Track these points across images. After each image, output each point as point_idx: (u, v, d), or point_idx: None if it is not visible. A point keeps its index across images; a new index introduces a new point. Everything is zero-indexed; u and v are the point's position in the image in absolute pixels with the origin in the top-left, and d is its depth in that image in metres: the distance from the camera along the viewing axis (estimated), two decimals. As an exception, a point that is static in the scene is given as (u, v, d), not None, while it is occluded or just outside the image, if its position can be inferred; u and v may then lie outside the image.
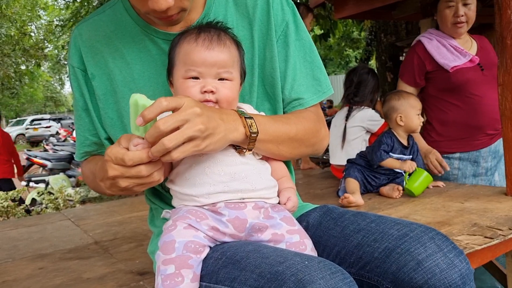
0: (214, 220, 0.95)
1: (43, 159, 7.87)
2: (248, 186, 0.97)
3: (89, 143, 1.20)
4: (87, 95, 1.15)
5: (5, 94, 21.65)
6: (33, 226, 2.44)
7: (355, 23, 10.01)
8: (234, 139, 0.95)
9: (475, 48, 2.51)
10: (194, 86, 0.96)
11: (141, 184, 0.89)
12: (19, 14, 16.79)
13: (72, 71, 1.15)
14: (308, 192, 2.63)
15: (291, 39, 1.14)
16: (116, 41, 1.11)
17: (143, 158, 0.85)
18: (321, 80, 1.17)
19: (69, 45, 1.17)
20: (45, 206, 5.27)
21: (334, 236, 1.03)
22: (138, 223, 2.30)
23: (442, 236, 0.91)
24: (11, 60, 17.09)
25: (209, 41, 0.97)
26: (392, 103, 2.32)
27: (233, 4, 1.13)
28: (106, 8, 1.16)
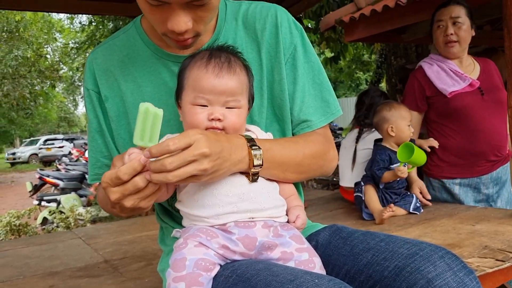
0: (224, 239, 0.96)
1: (55, 178, 7.95)
2: (257, 206, 0.98)
3: (100, 165, 1.21)
4: (101, 117, 1.18)
5: (20, 115, 21.98)
6: (44, 244, 2.47)
7: (365, 46, 10.09)
8: (237, 170, 0.97)
9: (477, 71, 2.49)
10: (202, 113, 0.98)
11: (143, 197, 0.89)
12: (35, 36, 17.19)
13: (87, 93, 1.18)
14: (318, 214, 2.62)
15: (299, 62, 1.15)
16: (129, 65, 1.15)
17: (136, 166, 0.86)
18: (330, 102, 1.18)
19: (85, 69, 1.21)
20: (56, 225, 5.31)
21: (344, 255, 1.03)
22: (148, 242, 2.31)
23: (452, 255, 0.91)
24: (26, 81, 17.43)
25: (219, 69, 0.98)
26: (383, 113, 2.33)
27: (243, 27, 1.16)
28: (120, 33, 1.19)
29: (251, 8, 1.17)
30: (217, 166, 0.90)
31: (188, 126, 1.00)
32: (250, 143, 0.98)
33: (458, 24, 2.35)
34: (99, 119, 1.18)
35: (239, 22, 1.16)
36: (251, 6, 1.18)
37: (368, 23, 4.21)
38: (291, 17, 1.18)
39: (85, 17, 11.92)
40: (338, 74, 15.75)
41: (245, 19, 1.16)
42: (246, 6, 1.18)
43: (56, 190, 7.89)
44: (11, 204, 10.57)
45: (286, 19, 1.16)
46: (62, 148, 22.13)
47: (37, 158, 23.60)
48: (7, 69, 15.98)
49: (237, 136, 0.98)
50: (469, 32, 2.40)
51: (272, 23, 1.15)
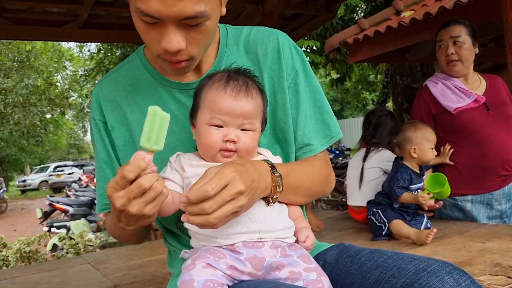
0: (232, 259, 0.96)
1: (65, 204, 7.97)
2: (266, 227, 0.99)
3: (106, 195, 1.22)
4: (108, 146, 1.19)
5: (30, 142, 22.28)
6: (54, 270, 2.47)
7: (370, 66, 10.16)
8: (263, 196, 1.00)
9: (483, 87, 2.49)
10: (217, 134, 0.99)
11: (148, 201, 0.88)
12: (46, 65, 17.56)
13: (94, 124, 1.19)
14: (327, 234, 2.61)
15: (301, 86, 1.18)
16: (134, 94, 1.16)
17: (140, 164, 0.86)
18: (331, 125, 1.21)
19: (91, 100, 1.22)
20: (66, 252, 5.31)
21: (352, 273, 1.03)
22: (157, 266, 2.31)
23: (459, 270, 0.91)
24: (37, 109, 17.73)
25: (237, 92, 1.00)
26: (407, 134, 2.31)
27: (244, 52, 1.17)
28: (125, 63, 1.21)
29: (252, 34, 1.19)
30: (251, 198, 0.92)
31: (202, 145, 1.02)
32: (273, 169, 1.00)
33: (459, 43, 2.38)
34: (107, 148, 1.19)
35: (241, 47, 1.18)
36: (252, 31, 1.19)
37: (372, 44, 4.27)
38: (292, 42, 1.21)
39: (94, 45, 12.17)
40: (344, 95, 15.83)
41: (246, 44, 1.18)
42: (247, 32, 1.19)
43: (66, 216, 7.91)
44: (22, 231, 10.60)
45: (287, 44, 1.19)
46: (71, 174, 22.26)
47: (47, 185, 23.72)
48: (18, 98, 16.28)
49: (261, 163, 0.99)
50: (471, 50, 2.41)
51: (274, 48, 1.17)
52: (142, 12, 0.91)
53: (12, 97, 16.26)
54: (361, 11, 9.29)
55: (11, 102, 16.50)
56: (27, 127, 17.90)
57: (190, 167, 1.01)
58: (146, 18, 0.92)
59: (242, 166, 0.93)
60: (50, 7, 3.76)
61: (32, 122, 17.70)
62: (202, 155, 1.03)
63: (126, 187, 0.87)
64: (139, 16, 0.93)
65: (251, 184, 0.92)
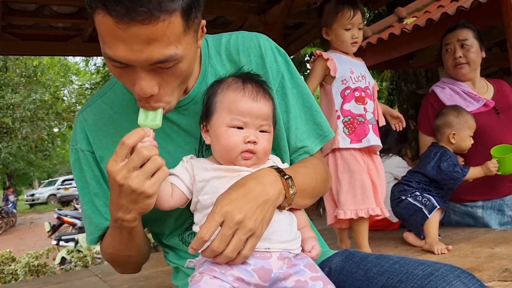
0: (239, 270, 0.94)
1: (73, 218, 8.01)
2: (278, 237, 0.98)
3: (103, 227, 1.14)
4: (100, 177, 1.13)
5: (38, 156, 22.41)
6: (62, 283, 2.47)
7: (375, 73, 10.15)
8: (280, 203, 0.98)
9: (491, 92, 2.49)
10: (238, 136, 0.98)
11: (148, 173, 0.88)
12: (53, 80, 17.75)
13: (82, 155, 1.14)
14: (334, 242, 2.59)
15: (288, 89, 1.16)
16: (121, 120, 1.11)
17: (140, 132, 0.86)
18: (322, 124, 1.19)
19: (75, 130, 1.16)
20: (74, 265, 5.32)
21: (358, 279, 1.02)
22: (164, 277, 2.30)
23: (468, 274, 0.90)
24: (44, 123, 17.88)
25: (256, 93, 1.00)
26: (449, 118, 2.25)
27: (227, 61, 1.14)
28: (107, 89, 1.16)
29: (232, 40, 1.15)
30: (260, 215, 0.91)
31: (223, 148, 1.00)
32: (281, 173, 0.99)
33: (466, 47, 2.37)
34: (98, 179, 1.13)
35: (223, 56, 1.14)
36: (232, 38, 1.16)
37: (375, 51, 4.27)
38: (274, 44, 1.18)
39: (99, 59, 12.29)
40: (350, 103, 15.82)
41: (228, 52, 1.14)
42: (226, 39, 1.15)
43: (74, 229, 7.95)
44: (30, 245, 10.64)
45: (270, 47, 1.15)
46: (79, 187, 22.29)
47: (55, 198, 23.83)
48: (25, 113, 16.45)
49: (266, 172, 0.98)
50: (479, 53, 2.40)
51: (257, 53, 1.13)
52: (110, 58, 0.87)
53: (20, 112, 16.44)
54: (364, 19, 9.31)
55: (19, 117, 16.67)
56: (35, 141, 18.06)
57: (205, 170, 1.00)
58: (115, 63, 0.89)
59: (239, 189, 0.92)
60: (56, 22, 3.82)
61: (40, 136, 17.86)
62: (220, 158, 1.02)
63: (125, 158, 0.87)
64: (109, 61, 0.90)
65: (255, 202, 0.91)
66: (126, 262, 1.18)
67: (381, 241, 2.45)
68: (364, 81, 2.08)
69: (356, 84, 2.04)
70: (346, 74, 2.04)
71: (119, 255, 1.13)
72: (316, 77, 2.08)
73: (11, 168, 22.78)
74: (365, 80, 2.09)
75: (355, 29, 2.07)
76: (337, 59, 2.06)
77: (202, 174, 1.00)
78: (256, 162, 1.01)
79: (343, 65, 2.05)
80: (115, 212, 0.94)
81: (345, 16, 2.04)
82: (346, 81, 2.03)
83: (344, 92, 2.03)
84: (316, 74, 2.08)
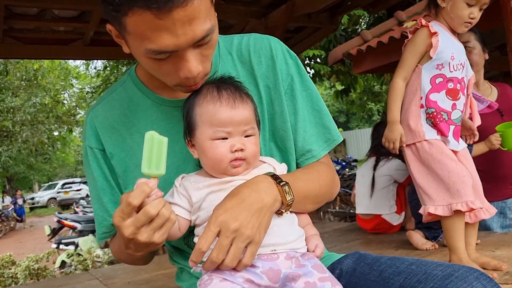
0: (248, 273, 0.94)
1: (73, 221, 8.00)
2: (280, 239, 0.98)
3: (107, 224, 1.18)
4: (108, 174, 1.15)
5: (39, 160, 22.41)
6: (62, 286, 2.47)
7: (375, 77, 10.17)
8: (276, 209, 0.98)
9: (495, 94, 2.51)
10: (224, 146, 0.97)
11: (156, 228, 0.88)
12: (53, 83, 17.75)
13: (90, 152, 1.15)
14: (334, 245, 2.60)
15: (297, 91, 1.16)
16: (131, 117, 1.13)
17: (144, 189, 0.86)
18: (331, 128, 1.19)
19: (85, 127, 1.17)
20: (74, 268, 5.31)
21: (372, 280, 1.02)
22: (165, 280, 2.30)
23: (486, 276, 0.90)
24: (44, 127, 17.88)
25: (233, 100, 0.99)
26: None
27: (238, 61, 1.15)
28: (117, 86, 1.18)
29: (244, 42, 1.16)
30: (256, 222, 0.92)
31: (210, 161, 0.99)
32: (276, 180, 0.99)
33: (469, 49, 2.37)
34: (106, 176, 1.15)
35: (234, 56, 1.16)
36: (244, 39, 1.17)
37: (375, 54, 4.28)
38: (285, 47, 1.19)
39: (100, 62, 12.31)
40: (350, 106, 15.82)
41: (239, 53, 1.15)
42: (238, 40, 1.17)
43: (74, 232, 7.93)
44: (30, 249, 10.62)
45: (281, 50, 1.16)
46: (79, 191, 22.30)
47: (55, 202, 23.79)
48: (26, 116, 16.45)
49: (260, 180, 0.98)
50: (481, 56, 2.41)
51: (268, 55, 1.14)
52: (155, 52, 0.89)
53: (20, 116, 16.44)
54: (364, 23, 9.33)
55: (19, 121, 16.68)
56: (35, 144, 18.05)
57: (197, 190, 1.00)
58: (160, 55, 0.91)
59: (234, 198, 0.92)
60: (57, 26, 3.83)
61: (40, 140, 17.86)
62: (210, 171, 1.02)
63: (132, 215, 0.87)
64: (151, 57, 0.91)
65: (250, 209, 0.91)
66: (133, 263, 1.27)
67: (382, 244, 2.45)
68: (461, 70, 1.82)
69: (452, 73, 1.78)
70: (445, 58, 1.76)
71: (128, 262, 1.21)
72: (415, 53, 1.79)
73: (11, 171, 22.76)
74: (464, 69, 1.83)
75: (477, 7, 1.77)
76: (442, 37, 1.77)
77: (196, 194, 1.00)
78: (247, 168, 1.01)
79: (446, 46, 1.77)
80: (124, 248, 0.95)
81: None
82: (442, 66, 1.77)
83: (435, 80, 1.78)
84: (416, 49, 1.78)
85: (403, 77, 1.81)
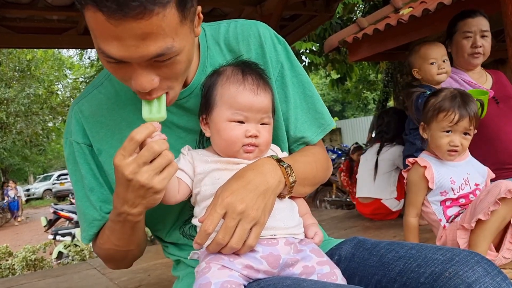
0: (247, 258, 0.94)
1: (69, 212, 7.98)
2: (281, 224, 0.98)
3: (98, 224, 1.11)
4: (96, 170, 1.10)
5: (33, 151, 22.28)
6: (60, 276, 2.47)
7: (370, 65, 10.17)
8: (280, 191, 0.98)
9: (490, 82, 2.50)
10: (239, 130, 0.98)
11: (158, 169, 0.85)
12: (46, 74, 17.60)
13: (77, 147, 1.09)
14: (332, 233, 2.60)
15: (288, 78, 1.14)
16: (119, 111, 1.08)
17: (149, 126, 0.84)
18: (323, 113, 1.18)
19: (70, 122, 1.11)
20: (72, 259, 5.31)
21: (372, 265, 1.02)
22: (163, 269, 2.31)
23: (487, 260, 0.91)
24: (39, 118, 17.77)
25: (256, 86, 0.99)
26: (408, 59, 2.37)
27: (227, 51, 1.12)
28: (103, 80, 1.12)
29: (231, 29, 1.12)
30: (262, 204, 0.92)
31: (224, 142, 0.99)
32: (280, 162, 0.99)
33: (486, 38, 2.39)
34: (95, 173, 1.10)
35: (222, 45, 1.12)
36: (230, 26, 1.13)
37: (371, 42, 4.27)
38: (273, 32, 1.16)
39: (93, 52, 12.21)
40: (345, 95, 15.80)
41: (227, 42, 1.12)
42: (225, 28, 1.13)
43: (70, 223, 7.92)
44: (27, 240, 10.61)
45: (269, 36, 1.13)
46: (75, 182, 22.21)
47: (51, 193, 23.74)
48: (19, 107, 16.33)
49: (265, 162, 0.98)
50: (491, 44, 2.44)
51: (257, 43, 1.12)
52: (104, 54, 0.84)
53: (14, 107, 16.32)
54: (359, 11, 9.30)
55: (13, 112, 16.55)
56: (30, 136, 17.95)
57: (205, 163, 1.00)
58: (110, 59, 0.85)
59: (239, 180, 0.92)
60: (50, 14, 3.77)
61: (34, 131, 17.75)
62: (220, 151, 1.01)
63: (133, 154, 0.85)
64: (103, 58, 0.86)
65: (256, 191, 0.92)
66: (123, 257, 1.15)
67: (380, 231, 2.46)
68: (469, 185, 1.74)
69: (459, 193, 1.73)
70: (446, 185, 1.72)
71: (118, 250, 1.10)
72: (418, 190, 1.75)
73: (5, 163, 22.65)
74: (471, 182, 1.75)
75: (457, 134, 1.70)
76: (434, 167, 1.73)
77: (202, 166, 1.00)
78: (258, 155, 1.01)
79: (442, 174, 1.72)
80: (120, 206, 0.93)
81: (447, 120, 1.68)
82: (446, 192, 1.73)
83: (445, 202, 1.75)
84: (417, 187, 1.75)
85: (415, 214, 1.78)
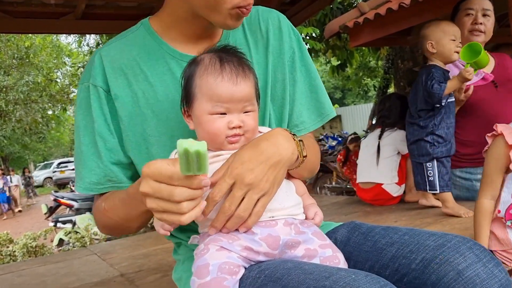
0: (246, 240, 0.94)
1: (69, 199, 8.00)
2: (277, 205, 0.97)
3: (98, 172, 1.10)
4: (108, 116, 1.10)
5: (33, 139, 22.30)
6: (61, 262, 2.47)
7: (371, 52, 10.09)
8: (290, 164, 0.98)
9: (492, 65, 2.46)
10: (222, 122, 0.96)
11: (167, 210, 0.82)
12: (45, 61, 17.49)
13: (94, 91, 1.10)
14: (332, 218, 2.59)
15: (297, 65, 1.21)
16: (140, 64, 1.11)
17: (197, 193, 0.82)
18: (325, 103, 1.24)
19: (91, 66, 1.12)
20: (72, 245, 5.33)
21: (366, 250, 1.02)
22: (163, 254, 2.30)
23: (479, 246, 0.90)
24: (38, 106, 17.72)
25: (235, 75, 0.96)
26: (422, 32, 2.26)
27: (248, 29, 1.19)
28: (128, 33, 1.16)
29: (253, 11, 1.20)
30: (271, 176, 0.92)
31: (207, 135, 0.97)
32: (293, 135, 1.00)
33: (487, 17, 2.36)
34: (106, 118, 1.10)
35: (245, 24, 1.19)
36: (252, 9, 1.16)
37: (372, 27, 4.21)
38: (290, 23, 1.25)
39: (92, 40, 12.12)
40: (345, 82, 15.73)
41: (248, 21, 1.19)
42: None
43: (71, 211, 7.95)
44: (27, 228, 10.66)
45: (287, 24, 1.23)
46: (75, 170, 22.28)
47: (51, 181, 23.82)
48: (18, 95, 16.27)
49: (280, 133, 0.98)
50: (493, 25, 2.40)
51: (275, 25, 1.20)
52: None
53: (13, 95, 16.25)
54: None
55: (12, 100, 16.49)
56: (29, 124, 17.92)
57: None
58: None
59: (252, 150, 0.92)
60: (47, -1, 3.72)
61: (34, 119, 17.71)
62: None
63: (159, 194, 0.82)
64: None
65: (267, 163, 0.92)
66: (124, 229, 1.15)
67: (381, 216, 2.45)
68: None
69: None
70: None
71: (122, 224, 1.10)
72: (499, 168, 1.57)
73: (6, 151, 22.67)
74: None
75: None
76: None
77: None
78: (245, 143, 0.99)
79: None
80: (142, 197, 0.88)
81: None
82: None
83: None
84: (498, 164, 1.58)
85: (491, 195, 1.59)
